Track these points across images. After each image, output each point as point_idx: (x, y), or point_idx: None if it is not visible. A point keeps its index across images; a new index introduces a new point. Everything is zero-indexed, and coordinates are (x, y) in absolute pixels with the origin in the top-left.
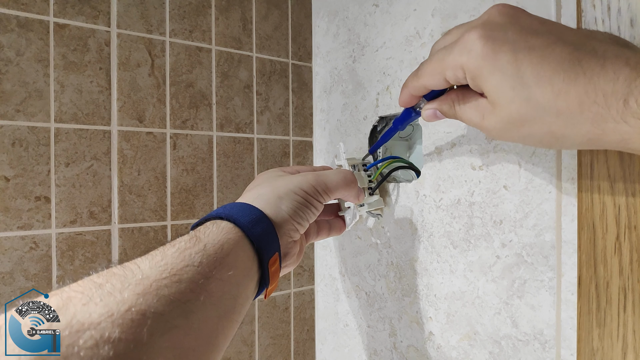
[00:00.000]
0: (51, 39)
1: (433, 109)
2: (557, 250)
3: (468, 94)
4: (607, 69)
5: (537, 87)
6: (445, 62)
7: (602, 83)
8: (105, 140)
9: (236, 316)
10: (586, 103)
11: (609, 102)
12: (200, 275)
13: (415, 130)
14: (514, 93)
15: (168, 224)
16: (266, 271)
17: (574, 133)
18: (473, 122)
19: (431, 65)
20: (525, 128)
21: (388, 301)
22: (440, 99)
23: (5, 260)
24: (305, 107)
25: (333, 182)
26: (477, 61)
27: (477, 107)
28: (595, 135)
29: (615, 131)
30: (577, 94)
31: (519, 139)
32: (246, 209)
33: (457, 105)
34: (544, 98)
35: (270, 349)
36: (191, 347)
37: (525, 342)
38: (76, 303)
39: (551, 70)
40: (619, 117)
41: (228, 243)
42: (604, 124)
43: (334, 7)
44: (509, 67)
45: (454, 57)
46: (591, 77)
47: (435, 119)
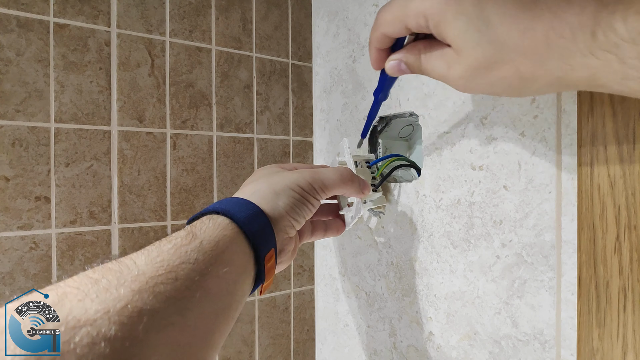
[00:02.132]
0: (51, 39)
1: (397, 60)
2: (557, 250)
3: (434, 43)
4: (573, 3)
5: (502, 27)
6: (407, 8)
7: (568, 17)
8: (105, 140)
9: (232, 312)
10: (553, 38)
11: (576, 35)
12: (196, 272)
13: (415, 131)
14: (479, 35)
15: (168, 224)
16: (262, 267)
17: (542, 72)
18: (438, 72)
19: (392, 12)
20: (493, 73)
21: (388, 301)
22: (406, 49)
23: (5, 260)
24: (305, 107)
25: (329, 179)
26: (440, 6)
27: (442, 56)
28: (563, 72)
29: (584, 66)
30: (543, 30)
31: (486, 87)
32: (243, 205)
33: (423, 56)
34: (510, 37)
35: (270, 349)
36: (187, 344)
37: (525, 342)
38: (72, 299)
39: (515, 8)
40: (586, 50)
41: (224, 239)
42: (572, 58)
43: (334, 7)
44: (472, 9)
45: (416, 4)
46: (557, 12)
47: (400, 73)
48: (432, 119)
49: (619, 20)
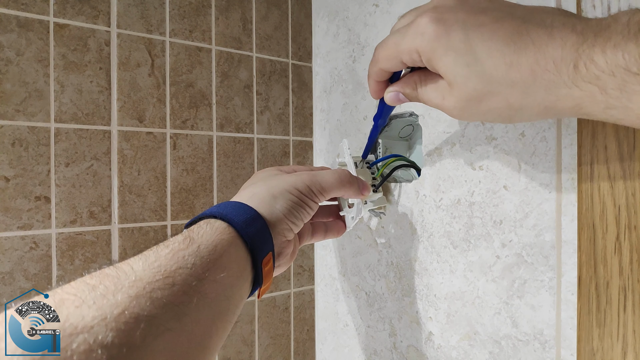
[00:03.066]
0: (51, 39)
1: (395, 92)
2: (557, 250)
3: (429, 75)
4: (555, 36)
5: (489, 61)
6: (400, 46)
7: (551, 50)
8: (105, 140)
9: (230, 317)
10: (538, 71)
11: (559, 68)
12: (193, 278)
13: (415, 131)
14: (468, 70)
15: (168, 224)
16: (260, 271)
17: (530, 102)
18: (434, 103)
19: (386, 50)
20: (484, 104)
21: (388, 301)
22: (403, 81)
23: (5, 260)
24: (305, 107)
25: (328, 182)
26: (430, 43)
27: (437, 88)
28: (550, 102)
29: (568, 96)
30: (528, 63)
31: (479, 116)
32: (240, 208)
33: (420, 87)
34: (497, 70)
35: (270, 349)
36: (184, 350)
37: (525, 342)
38: (69, 305)
39: (501, 43)
40: (570, 82)
41: (221, 244)
42: (557, 90)
43: (334, 7)
44: (461, 45)
45: (407, 41)
46: (540, 45)
47: (398, 102)
48: (432, 119)
49: (599, 53)
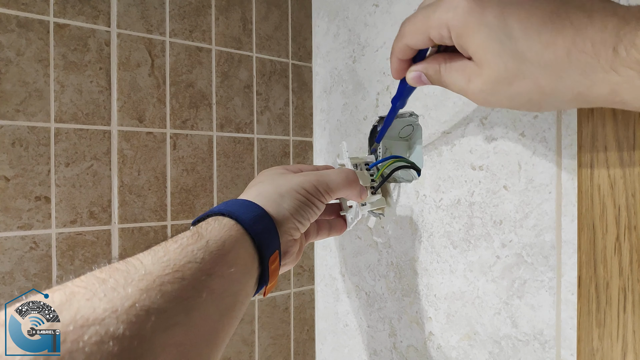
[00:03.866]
0: (51, 39)
1: (418, 72)
2: (557, 251)
3: (455, 56)
4: (595, 19)
5: (524, 40)
6: (430, 20)
7: (590, 32)
8: (105, 140)
9: (236, 313)
10: (574, 53)
11: (598, 50)
12: (202, 272)
13: (415, 131)
14: (501, 47)
15: (168, 224)
16: (266, 269)
17: (563, 87)
18: (458, 85)
19: (415, 24)
20: (514, 86)
21: (388, 301)
22: (427, 61)
23: (5, 260)
24: (305, 107)
25: (335, 181)
26: (463, 17)
27: (463, 69)
28: (584, 87)
29: (605, 81)
30: (564, 45)
31: (506, 101)
32: (248, 206)
33: (443, 69)
34: (532, 50)
35: (270, 349)
36: (192, 344)
37: (525, 342)
38: (80, 298)
39: (538, 22)
40: (608, 66)
41: (229, 240)
42: (593, 74)
43: (334, 7)
44: (495, 21)
45: (439, 15)
46: (579, 27)
47: (420, 83)
48: (432, 119)
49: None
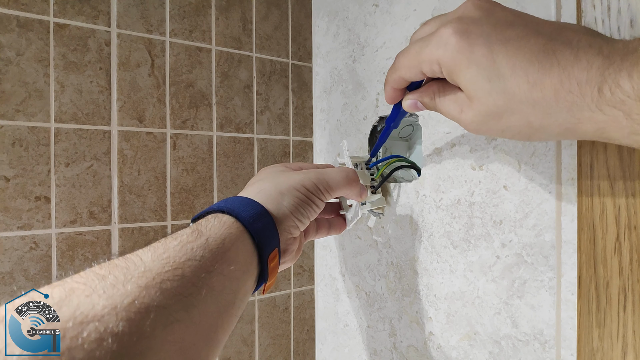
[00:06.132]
0: (51, 39)
1: (414, 100)
2: (557, 250)
3: (448, 86)
4: (581, 58)
5: (512, 79)
6: (421, 55)
7: (576, 72)
8: (105, 140)
9: (235, 311)
10: (561, 92)
11: (584, 90)
12: (202, 270)
13: (415, 131)
14: (490, 85)
15: (168, 224)
16: (265, 266)
17: (551, 123)
18: (451, 115)
19: (408, 59)
20: (503, 121)
21: (388, 301)
22: (421, 90)
23: (5, 260)
24: (305, 107)
25: (335, 180)
26: (452, 55)
27: (455, 100)
28: (571, 124)
29: (591, 120)
30: (551, 84)
31: (497, 132)
32: (248, 204)
33: (437, 98)
34: (520, 89)
35: (270, 349)
36: (192, 342)
37: (525, 342)
38: (79, 294)
39: (526, 61)
40: (594, 106)
41: (229, 237)
42: (580, 113)
43: (334, 7)
44: (484, 59)
45: (429, 51)
46: (565, 66)
47: (416, 110)
48: (432, 119)
49: (625, 77)
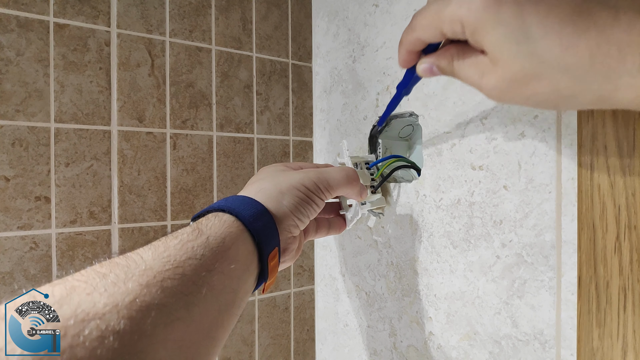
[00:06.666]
0: (51, 39)
1: (430, 64)
2: (557, 250)
3: (468, 49)
4: (621, 19)
5: (543, 41)
6: (442, 14)
7: (616, 34)
8: (105, 140)
9: (235, 310)
10: (598, 56)
11: (624, 54)
12: (203, 268)
13: (415, 131)
14: (517, 48)
15: (168, 224)
16: (265, 265)
17: (583, 90)
18: (471, 80)
19: (427, 17)
20: (530, 87)
21: (388, 301)
22: (438, 53)
23: (5, 260)
24: (305, 107)
25: (335, 179)
26: (478, 14)
27: (476, 64)
28: (607, 91)
29: (631, 86)
30: (587, 47)
31: (521, 100)
32: (248, 203)
33: (456, 61)
34: (551, 52)
35: (270, 349)
36: (192, 340)
37: (525, 342)
38: (80, 292)
39: (559, 22)
40: (635, 71)
41: (230, 236)
42: (618, 79)
43: (334, 7)
44: (513, 19)
45: (452, 10)
46: (603, 28)
47: (431, 75)
48: (432, 119)
49: None
